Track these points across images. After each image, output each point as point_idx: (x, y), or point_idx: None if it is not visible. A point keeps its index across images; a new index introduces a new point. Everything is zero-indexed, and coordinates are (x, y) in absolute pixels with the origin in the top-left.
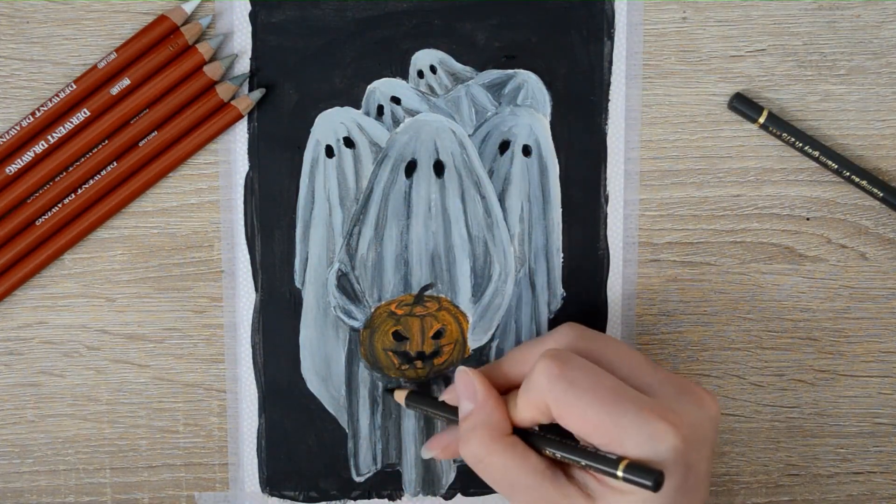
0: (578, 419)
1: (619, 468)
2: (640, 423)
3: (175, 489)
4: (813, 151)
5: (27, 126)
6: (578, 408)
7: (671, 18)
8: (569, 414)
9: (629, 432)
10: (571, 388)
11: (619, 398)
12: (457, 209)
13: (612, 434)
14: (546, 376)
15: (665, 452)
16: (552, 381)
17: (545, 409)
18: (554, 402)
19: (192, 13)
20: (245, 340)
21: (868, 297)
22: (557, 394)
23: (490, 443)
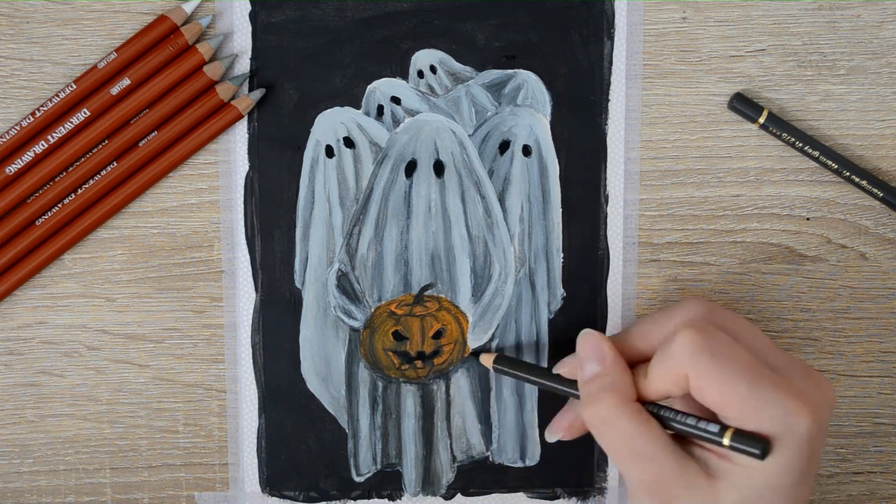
0: (718, 391)
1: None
2: (779, 399)
3: (175, 489)
4: (813, 151)
5: (27, 126)
6: (719, 380)
7: (671, 18)
8: (709, 385)
9: (767, 407)
10: (714, 360)
11: (759, 374)
12: (457, 209)
13: (750, 407)
14: (689, 347)
15: (799, 431)
16: (695, 351)
17: (681, 381)
18: (696, 373)
19: (192, 13)
20: (245, 340)
21: (868, 297)
22: (700, 365)
23: (618, 405)
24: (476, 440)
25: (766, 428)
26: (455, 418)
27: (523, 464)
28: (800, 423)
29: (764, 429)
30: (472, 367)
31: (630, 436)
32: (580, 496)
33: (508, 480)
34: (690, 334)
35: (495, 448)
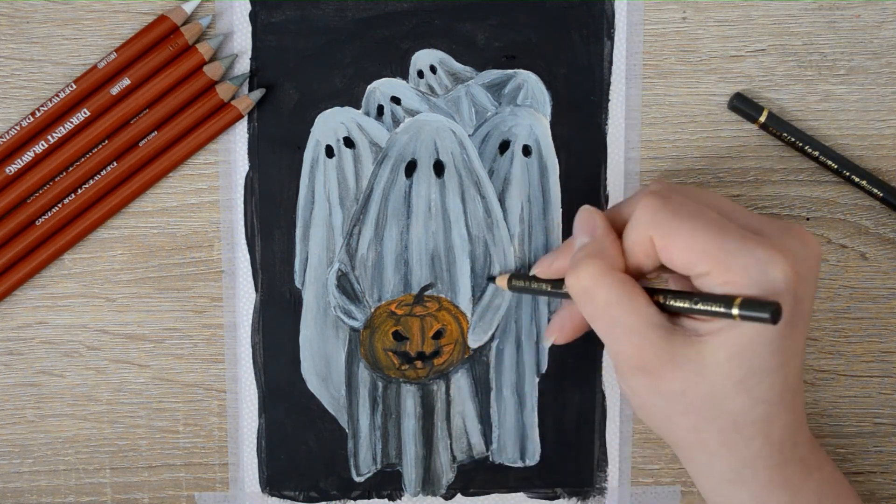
0: (683, 248)
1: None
2: (749, 248)
3: (175, 489)
4: (813, 151)
5: (27, 126)
6: (682, 236)
7: (671, 18)
8: (673, 244)
9: (737, 257)
10: (674, 217)
11: (724, 227)
12: (457, 209)
13: (718, 259)
14: (649, 209)
15: (775, 279)
16: (655, 212)
17: (649, 250)
18: (658, 233)
19: (192, 13)
20: (245, 340)
21: (868, 297)
22: (660, 224)
23: (600, 273)
24: (476, 440)
25: (740, 280)
26: (455, 418)
27: (523, 464)
28: (775, 270)
29: (737, 281)
30: (472, 368)
31: (611, 305)
32: (580, 496)
33: (508, 480)
34: (650, 197)
35: (495, 448)
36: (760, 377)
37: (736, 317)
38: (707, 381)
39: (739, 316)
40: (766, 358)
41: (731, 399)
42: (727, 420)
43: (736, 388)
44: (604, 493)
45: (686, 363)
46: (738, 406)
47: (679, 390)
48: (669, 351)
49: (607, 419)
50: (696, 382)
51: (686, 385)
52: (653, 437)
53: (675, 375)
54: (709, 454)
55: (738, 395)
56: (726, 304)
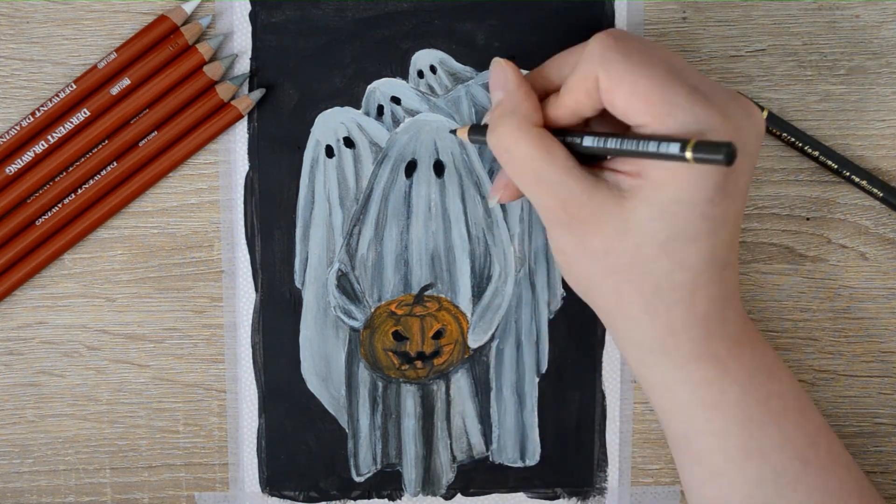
0: (628, 92)
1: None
2: (691, 106)
3: (175, 489)
4: (813, 151)
5: (27, 126)
6: (629, 80)
7: (671, 18)
8: (619, 85)
9: (678, 113)
10: (625, 60)
11: (672, 80)
12: (457, 209)
13: (660, 111)
14: (601, 47)
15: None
16: (606, 50)
17: (593, 88)
18: (605, 73)
19: (192, 13)
20: (245, 340)
21: (868, 297)
22: (610, 64)
23: (516, 131)
24: (476, 440)
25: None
26: (455, 418)
27: (523, 464)
28: (713, 132)
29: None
30: (472, 368)
31: (531, 160)
32: (580, 496)
33: (508, 480)
34: (603, 36)
35: (495, 448)
36: (684, 241)
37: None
38: (630, 240)
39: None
40: (691, 222)
41: (653, 261)
42: (649, 283)
43: (658, 250)
44: (604, 493)
45: (609, 219)
46: (659, 269)
47: (602, 249)
48: (593, 204)
49: (607, 419)
50: (618, 241)
51: (609, 243)
52: (653, 436)
53: (598, 231)
54: (631, 320)
55: (660, 258)
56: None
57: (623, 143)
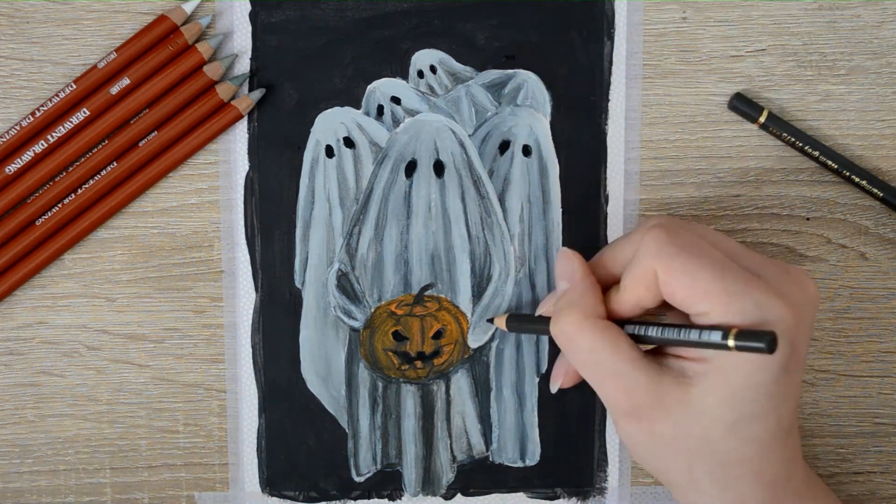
0: (686, 284)
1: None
2: (749, 291)
3: (175, 489)
4: (813, 151)
5: (27, 126)
6: (688, 273)
7: (671, 18)
8: (677, 279)
9: (737, 300)
10: (681, 253)
11: (728, 267)
12: (457, 209)
13: (719, 300)
14: (655, 243)
15: (774, 324)
16: (661, 246)
17: (652, 283)
18: (663, 267)
19: (192, 13)
20: (245, 340)
21: (868, 297)
22: (666, 259)
23: (580, 321)
24: (476, 440)
25: (738, 322)
26: (455, 418)
27: (523, 464)
28: (774, 315)
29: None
30: (472, 368)
31: (595, 351)
32: (580, 496)
33: (508, 480)
34: (657, 231)
35: (495, 448)
36: (751, 421)
37: (732, 347)
38: (698, 425)
39: (735, 346)
40: (757, 403)
41: (722, 441)
42: (719, 460)
43: (727, 431)
44: (604, 493)
45: (676, 406)
46: (728, 447)
47: (670, 434)
48: (658, 393)
49: (607, 419)
50: (686, 426)
51: (677, 429)
52: None
53: (665, 418)
54: (702, 493)
55: (728, 438)
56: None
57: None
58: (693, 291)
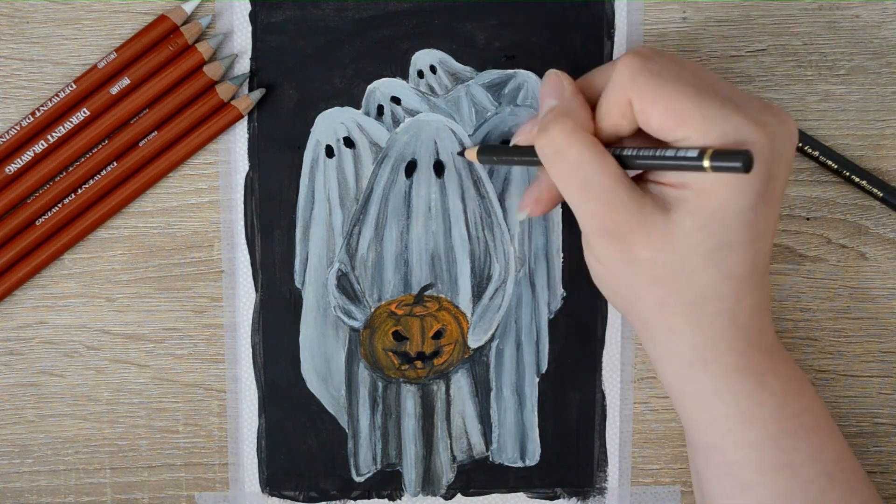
0: (662, 109)
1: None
2: (727, 115)
3: (175, 489)
4: (813, 151)
5: (27, 126)
6: (662, 97)
7: (671, 18)
8: (652, 104)
9: (715, 123)
10: (655, 78)
11: (704, 92)
12: (457, 209)
13: (696, 123)
14: (629, 69)
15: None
16: (635, 72)
17: (627, 110)
18: (637, 93)
19: (192, 13)
20: (245, 340)
21: (868, 297)
22: (640, 85)
23: (571, 132)
24: (476, 440)
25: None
26: (455, 418)
27: (523, 464)
28: (751, 138)
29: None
30: (472, 368)
31: (583, 164)
32: (580, 496)
33: (508, 480)
34: (630, 58)
35: (495, 448)
36: (730, 250)
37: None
38: (676, 250)
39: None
40: (736, 230)
41: (699, 271)
42: (694, 293)
43: (705, 259)
44: (604, 493)
45: (656, 229)
46: (706, 279)
47: (648, 258)
48: (640, 213)
49: (607, 419)
50: (665, 251)
51: (655, 253)
52: (653, 437)
53: (644, 241)
54: (672, 331)
55: (707, 268)
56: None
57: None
58: (669, 117)
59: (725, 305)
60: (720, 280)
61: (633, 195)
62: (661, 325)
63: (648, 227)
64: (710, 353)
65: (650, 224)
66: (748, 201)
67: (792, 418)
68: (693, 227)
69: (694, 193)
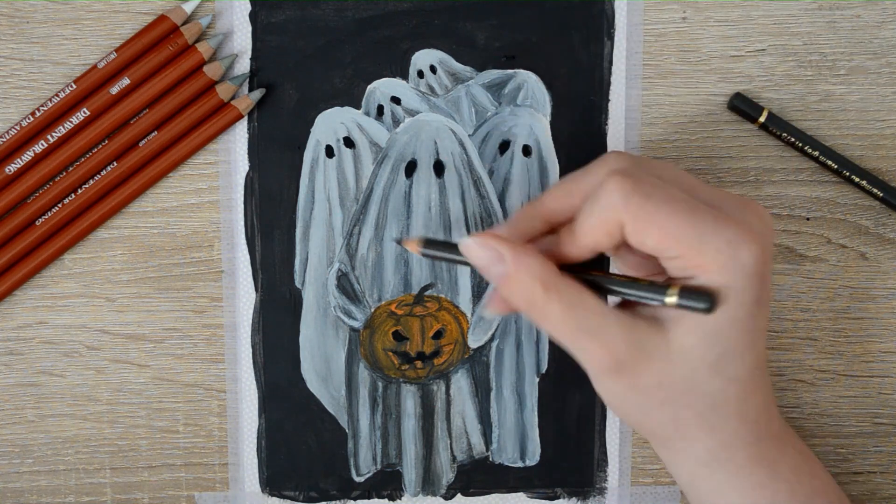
0: (658, 232)
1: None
2: (720, 229)
3: (175, 489)
4: (813, 151)
5: (27, 126)
6: (657, 220)
7: (671, 18)
8: (648, 228)
9: (710, 240)
10: (649, 202)
11: (696, 208)
12: (457, 209)
13: (692, 243)
14: (620, 192)
15: (746, 259)
16: (627, 196)
17: (614, 230)
18: (632, 217)
19: (192, 13)
20: (245, 340)
21: (868, 297)
22: (635, 208)
23: (544, 294)
24: (476, 440)
25: (710, 263)
26: (455, 418)
27: (523, 464)
28: (744, 250)
29: (707, 265)
30: (472, 368)
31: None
32: (580, 496)
33: (508, 480)
34: (619, 180)
35: (495, 448)
36: (733, 357)
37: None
38: (680, 368)
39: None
40: (736, 339)
41: (706, 382)
42: (705, 403)
43: (710, 370)
44: (604, 493)
45: (656, 353)
46: (713, 388)
47: (654, 383)
48: (637, 343)
49: (607, 419)
50: (669, 372)
51: (661, 376)
52: None
53: (648, 368)
54: (687, 440)
55: (713, 378)
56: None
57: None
58: (664, 238)
59: (734, 408)
60: (727, 385)
61: (625, 327)
62: (675, 437)
63: (649, 355)
64: (724, 452)
65: (650, 352)
66: (746, 310)
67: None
68: (694, 342)
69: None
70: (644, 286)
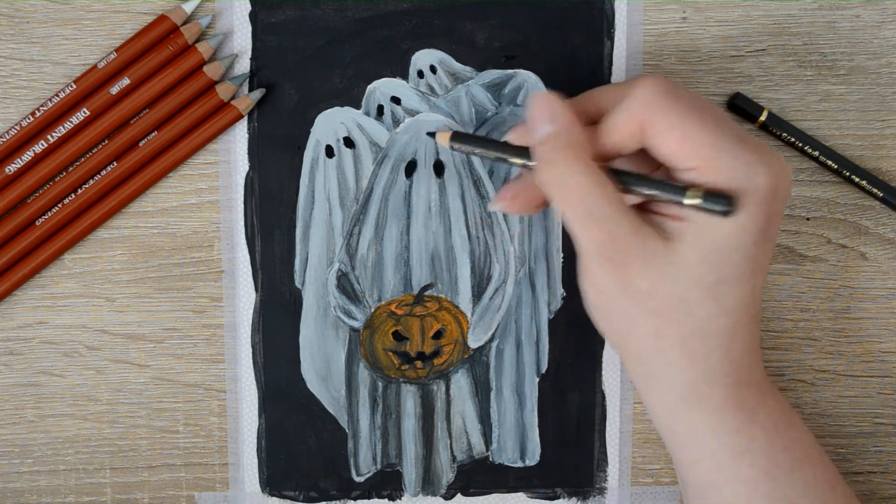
0: (680, 136)
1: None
2: (740, 151)
3: (175, 489)
4: (813, 151)
5: (27, 126)
6: (682, 125)
7: (671, 18)
8: (671, 130)
9: (728, 158)
10: (678, 104)
11: (721, 127)
12: (457, 209)
13: (709, 156)
14: (653, 88)
15: (760, 185)
16: (659, 94)
17: (637, 129)
18: (660, 114)
19: (192, 13)
20: (245, 340)
21: (868, 297)
22: (663, 107)
23: (575, 163)
24: (476, 440)
25: (726, 180)
26: (455, 418)
27: (523, 464)
28: (761, 176)
29: (723, 181)
30: (472, 368)
31: (586, 193)
32: (580, 496)
33: (508, 480)
34: (653, 80)
35: (495, 448)
36: (731, 284)
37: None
38: (676, 282)
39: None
40: (737, 265)
41: (698, 305)
42: (691, 327)
43: (706, 293)
44: (604, 493)
45: (656, 259)
46: (705, 313)
47: (646, 288)
48: (641, 242)
49: (607, 419)
50: (664, 282)
51: (654, 283)
52: (653, 436)
53: (644, 271)
54: (666, 365)
55: (707, 302)
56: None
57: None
58: (685, 145)
59: (721, 341)
60: (718, 314)
61: (634, 222)
62: (654, 358)
63: (649, 256)
64: (704, 388)
65: (651, 253)
66: (751, 237)
67: (783, 452)
68: (696, 260)
69: (696, 226)
70: (665, 184)
